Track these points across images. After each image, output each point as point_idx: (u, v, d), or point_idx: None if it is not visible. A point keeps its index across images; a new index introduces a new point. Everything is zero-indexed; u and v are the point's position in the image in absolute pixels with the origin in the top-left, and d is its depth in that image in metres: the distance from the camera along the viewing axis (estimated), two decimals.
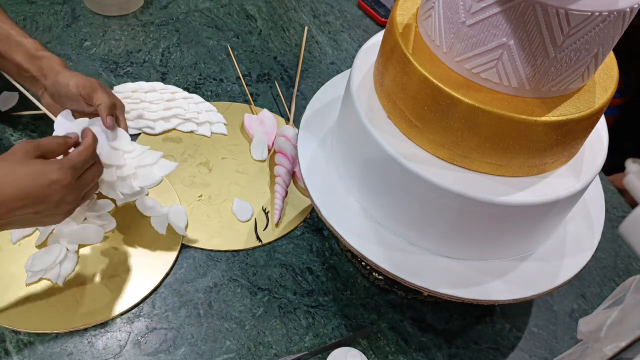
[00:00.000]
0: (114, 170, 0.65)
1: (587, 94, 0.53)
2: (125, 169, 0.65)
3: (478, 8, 0.47)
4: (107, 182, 0.65)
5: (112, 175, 0.65)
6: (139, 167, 0.66)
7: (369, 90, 0.60)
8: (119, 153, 0.66)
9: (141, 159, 0.66)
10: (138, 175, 0.65)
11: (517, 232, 0.57)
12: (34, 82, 0.69)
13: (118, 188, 0.65)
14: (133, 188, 0.65)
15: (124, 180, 0.65)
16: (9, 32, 0.68)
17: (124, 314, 0.66)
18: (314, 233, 0.77)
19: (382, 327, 0.69)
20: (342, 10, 1.12)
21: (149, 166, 0.66)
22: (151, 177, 0.66)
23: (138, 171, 0.66)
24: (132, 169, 0.65)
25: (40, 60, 0.68)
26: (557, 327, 0.72)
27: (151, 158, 0.66)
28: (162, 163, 0.67)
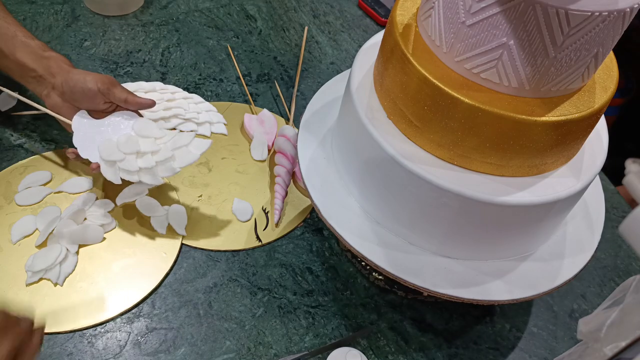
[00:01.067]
0: (150, 156, 0.66)
1: (587, 94, 0.53)
2: (162, 153, 0.66)
3: (478, 8, 0.47)
4: (145, 168, 0.66)
5: (149, 161, 0.66)
6: (175, 149, 0.67)
7: (369, 90, 0.60)
8: (150, 140, 0.67)
9: (176, 141, 0.67)
10: (176, 157, 0.67)
11: (517, 232, 0.57)
12: (39, 82, 0.69)
13: (159, 172, 0.66)
14: (174, 169, 0.66)
15: (163, 163, 0.66)
16: (15, 33, 0.69)
17: (124, 314, 0.66)
18: (314, 233, 0.77)
19: (382, 327, 0.69)
20: (342, 10, 1.12)
21: (185, 146, 0.67)
22: (189, 156, 0.67)
23: (175, 153, 0.67)
24: (170, 152, 0.66)
25: (47, 60, 0.68)
26: (557, 327, 0.72)
27: (186, 138, 0.68)
28: (196, 142, 0.68)
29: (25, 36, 0.69)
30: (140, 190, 0.76)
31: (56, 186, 0.75)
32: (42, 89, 0.69)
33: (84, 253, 0.70)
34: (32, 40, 0.69)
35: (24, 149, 0.79)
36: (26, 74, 0.69)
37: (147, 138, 0.67)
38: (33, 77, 0.69)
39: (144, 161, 0.66)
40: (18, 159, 0.77)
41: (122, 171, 0.66)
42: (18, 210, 0.72)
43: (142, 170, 0.66)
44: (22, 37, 0.69)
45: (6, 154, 0.78)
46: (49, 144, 0.80)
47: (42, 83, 0.69)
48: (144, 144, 0.67)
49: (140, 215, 0.74)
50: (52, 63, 0.68)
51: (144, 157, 0.66)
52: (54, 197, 0.74)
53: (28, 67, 0.68)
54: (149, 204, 0.74)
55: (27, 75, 0.69)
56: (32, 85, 0.70)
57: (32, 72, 0.68)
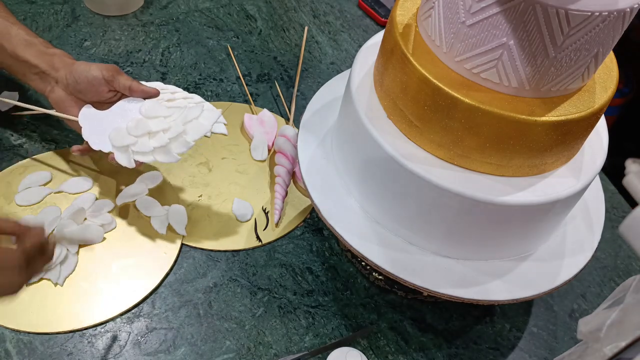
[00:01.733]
0: (162, 134, 0.66)
1: (587, 94, 0.53)
2: (173, 129, 0.66)
3: (478, 8, 0.47)
4: (159, 147, 0.65)
5: (162, 139, 0.65)
6: (186, 122, 0.67)
7: (369, 90, 0.60)
8: (159, 120, 0.67)
9: (185, 115, 0.67)
10: (188, 131, 0.66)
11: (517, 232, 0.57)
12: (42, 78, 0.69)
13: (173, 149, 0.65)
14: (188, 143, 0.66)
15: (176, 139, 0.66)
16: (18, 31, 0.69)
17: (124, 314, 0.66)
18: (314, 233, 0.77)
19: (382, 327, 0.69)
20: (342, 10, 1.12)
21: (195, 119, 0.67)
22: (201, 128, 0.67)
23: (187, 127, 0.66)
24: (181, 127, 0.66)
25: (51, 56, 0.69)
26: (557, 327, 0.72)
27: (195, 111, 0.67)
28: (206, 113, 0.68)
29: (27, 34, 0.70)
30: (140, 190, 0.76)
31: (56, 186, 0.75)
32: (46, 85, 0.70)
33: (84, 253, 0.70)
34: (35, 37, 0.70)
35: (24, 149, 0.79)
36: (29, 71, 0.69)
37: (156, 118, 0.67)
38: (36, 74, 0.69)
39: (156, 140, 0.66)
40: (18, 159, 0.77)
41: (136, 154, 0.66)
42: (18, 211, 0.72)
43: (156, 150, 0.65)
44: (25, 35, 0.69)
45: (6, 154, 0.78)
46: (49, 144, 0.80)
47: (45, 79, 0.69)
48: (154, 124, 0.67)
49: (140, 215, 0.74)
50: (56, 59, 0.69)
51: (156, 136, 0.66)
52: (54, 197, 0.74)
53: (31, 64, 0.68)
54: (149, 204, 0.74)
55: (30, 73, 0.69)
56: (35, 82, 0.70)
57: (35, 68, 0.69)
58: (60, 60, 0.69)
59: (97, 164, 0.78)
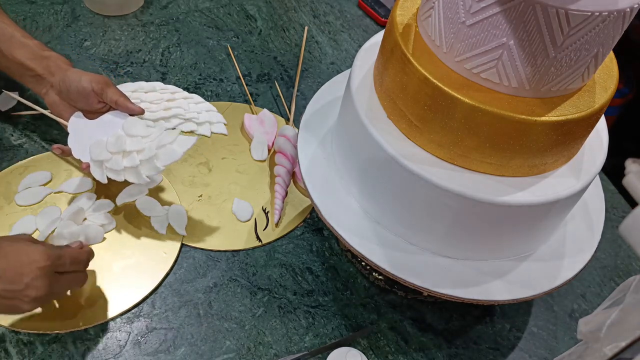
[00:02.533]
0: (135, 155, 0.67)
1: (587, 94, 0.53)
2: (146, 152, 0.67)
3: (478, 8, 0.47)
4: (130, 167, 0.66)
5: (134, 160, 0.66)
6: (160, 147, 0.67)
7: (369, 90, 0.60)
8: (137, 139, 0.67)
9: (160, 139, 0.68)
10: (159, 155, 0.67)
11: (517, 232, 0.57)
12: (38, 81, 0.70)
13: (142, 171, 0.66)
14: (157, 168, 0.66)
15: (147, 162, 0.66)
16: (13, 33, 0.69)
17: (124, 314, 0.66)
18: (314, 233, 0.76)
19: (382, 327, 0.69)
20: (342, 10, 1.12)
21: (169, 144, 0.68)
22: (172, 154, 0.67)
23: (159, 151, 0.67)
24: (153, 150, 0.67)
25: (46, 60, 0.69)
26: (557, 327, 0.72)
27: (170, 137, 0.68)
28: (180, 139, 0.68)
29: (23, 36, 0.70)
30: (140, 190, 0.76)
31: (56, 186, 0.75)
32: (41, 88, 0.70)
33: None
34: (30, 40, 0.70)
35: (24, 149, 0.79)
36: (25, 73, 0.69)
37: (135, 137, 0.68)
38: (32, 77, 0.69)
39: (128, 160, 0.66)
40: (18, 159, 0.77)
41: (108, 170, 0.67)
42: (18, 211, 0.72)
43: (126, 169, 0.66)
44: (20, 37, 0.69)
45: (6, 154, 0.78)
46: (49, 144, 0.80)
47: (40, 82, 0.69)
48: (130, 143, 0.67)
49: (140, 215, 0.74)
50: (51, 62, 0.69)
51: (130, 155, 0.67)
52: (54, 197, 0.74)
53: (27, 67, 0.68)
54: (149, 204, 0.74)
55: (26, 75, 0.69)
56: (31, 84, 0.70)
57: (30, 71, 0.69)
58: (56, 65, 0.69)
59: None
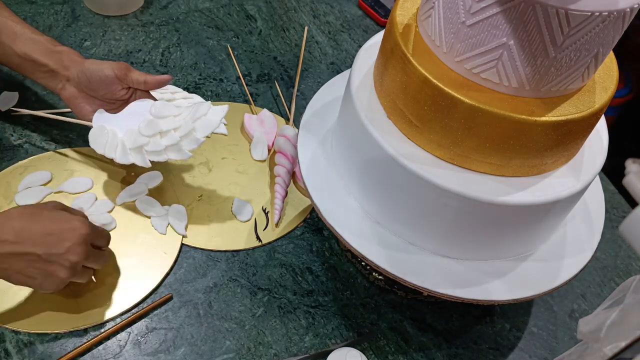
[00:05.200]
0: (173, 132, 0.68)
1: (587, 94, 0.53)
2: (183, 127, 0.68)
3: (478, 8, 0.47)
4: (171, 145, 0.68)
5: (173, 138, 0.68)
6: (195, 119, 0.68)
7: (369, 90, 0.60)
8: (169, 119, 0.69)
9: (194, 113, 0.69)
10: (197, 128, 0.68)
11: (517, 232, 0.57)
12: (52, 77, 0.70)
13: (184, 146, 0.68)
14: (198, 140, 0.68)
15: (187, 136, 0.68)
16: (23, 30, 0.69)
17: (124, 314, 0.66)
18: (314, 233, 0.77)
19: (382, 327, 0.69)
20: (342, 10, 1.12)
21: (204, 116, 0.69)
22: (210, 124, 0.68)
23: (196, 124, 0.68)
24: (191, 124, 0.68)
25: (59, 54, 0.69)
26: (557, 327, 0.72)
27: (204, 108, 0.69)
28: (213, 109, 0.69)
29: (33, 32, 0.70)
30: (140, 190, 0.76)
31: (56, 186, 0.75)
32: (57, 83, 0.70)
33: None
34: (40, 36, 0.70)
35: (24, 149, 0.79)
36: (37, 69, 0.69)
37: (166, 118, 0.69)
38: (45, 72, 0.69)
39: (168, 139, 0.68)
40: (18, 159, 0.77)
41: (149, 154, 0.68)
42: None
43: (168, 148, 0.68)
44: (30, 33, 0.69)
45: (6, 154, 0.78)
46: (49, 144, 0.80)
47: (55, 77, 0.70)
48: (164, 123, 0.68)
49: (140, 215, 0.74)
50: (64, 57, 0.69)
51: (168, 134, 0.68)
52: (54, 197, 0.74)
53: (40, 63, 0.69)
54: (149, 204, 0.74)
55: (39, 71, 0.70)
56: (44, 80, 0.70)
57: (43, 67, 0.69)
58: (69, 59, 0.69)
59: (97, 164, 0.78)
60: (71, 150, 0.79)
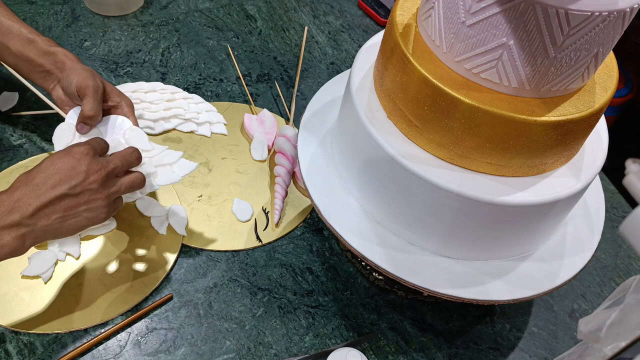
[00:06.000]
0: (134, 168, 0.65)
1: (587, 94, 0.53)
2: (145, 167, 0.65)
3: (478, 8, 0.47)
4: None
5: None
6: (159, 165, 0.66)
7: (369, 90, 0.60)
8: None
9: (161, 157, 0.66)
10: (158, 174, 0.65)
11: (517, 232, 0.57)
12: (45, 77, 0.70)
13: None
14: (153, 186, 0.65)
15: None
16: (20, 30, 0.69)
17: (124, 314, 0.66)
18: (314, 233, 0.77)
19: (382, 327, 0.69)
20: (342, 10, 1.12)
21: (169, 165, 0.66)
22: (171, 176, 0.66)
23: (158, 170, 0.66)
24: (153, 168, 0.65)
25: (54, 55, 0.69)
26: (557, 327, 0.72)
27: (172, 157, 0.66)
28: (182, 163, 0.67)
29: (30, 32, 0.70)
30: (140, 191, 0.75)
31: None
32: (49, 83, 0.70)
33: (84, 253, 0.70)
34: (38, 36, 0.70)
35: (24, 149, 0.79)
36: (33, 69, 0.70)
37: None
38: (40, 72, 0.70)
39: None
40: (18, 159, 0.77)
41: None
42: None
43: None
44: (27, 33, 0.69)
45: (6, 154, 0.78)
46: (49, 144, 0.80)
47: (48, 77, 0.70)
48: None
49: (140, 215, 0.74)
50: (58, 58, 0.69)
51: None
52: None
53: (36, 63, 0.69)
54: (149, 204, 0.74)
55: (34, 71, 0.70)
56: (39, 80, 0.71)
57: (39, 67, 0.69)
58: (60, 60, 0.69)
59: None
60: None
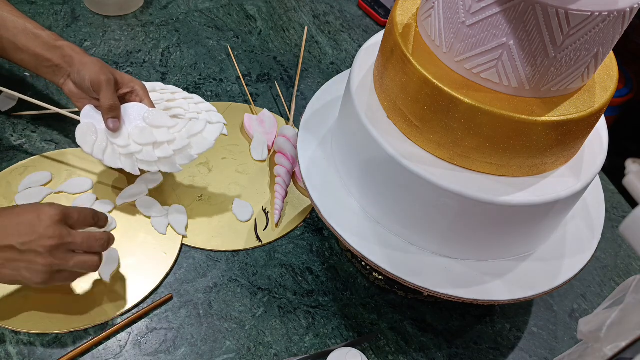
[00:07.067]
0: (167, 145, 0.68)
1: (587, 94, 0.53)
2: (178, 142, 0.68)
3: (478, 8, 0.47)
4: (164, 158, 0.68)
5: (167, 151, 0.68)
6: (191, 136, 0.69)
7: (369, 90, 0.60)
8: (164, 130, 0.68)
9: (190, 128, 0.69)
10: (192, 144, 0.68)
11: (517, 232, 0.57)
12: (55, 71, 0.70)
13: (177, 161, 0.68)
14: (192, 157, 0.68)
15: (181, 152, 0.68)
16: (25, 26, 0.69)
17: (124, 314, 0.66)
18: (314, 233, 0.77)
19: (382, 327, 0.69)
20: (342, 10, 1.12)
21: (200, 134, 0.69)
22: (204, 143, 0.69)
23: (191, 140, 0.69)
24: (186, 140, 0.68)
25: (61, 50, 0.69)
26: (557, 327, 0.72)
27: (199, 126, 0.69)
28: (209, 128, 0.70)
29: (35, 27, 0.70)
30: (140, 190, 0.76)
31: (56, 186, 0.75)
32: (59, 78, 0.70)
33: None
34: (43, 31, 0.70)
35: (24, 150, 0.79)
36: (41, 64, 0.70)
37: (160, 128, 0.68)
38: (48, 67, 0.70)
39: (161, 151, 0.68)
40: (18, 159, 0.77)
41: (140, 162, 0.68)
42: None
43: (160, 160, 0.68)
44: (33, 28, 0.70)
45: (6, 154, 0.78)
46: (49, 144, 0.80)
47: (58, 72, 0.70)
48: (158, 134, 0.68)
49: (140, 215, 0.74)
50: (66, 52, 0.69)
51: (161, 147, 0.68)
52: (54, 197, 0.74)
53: (43, 58, 0.69)
54: (149, 204, 0.74)
55: (42, 66, 0.70)
56: (48, 75, 0.71)
57: (47, 61, 0.69)
58: (68, 55, 0.69)
59: (97, 164, 0.78)
60: (71, 150, 0.79)
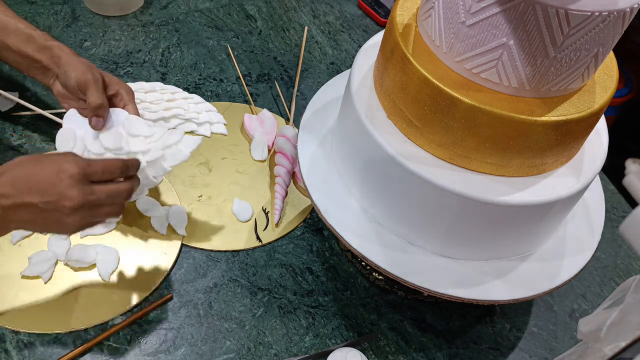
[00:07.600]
0: (141, 156, 0.65)
1: (587, 94, 0.53)
2: (152, 153, 0.65)
3: (478, 8, 0.47)
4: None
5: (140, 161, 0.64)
6: (165, 147, 0.66)
7: (369, 90, 0.60)
8: (139, 139, 0.66)
9: (165, 139, 0.66)
10: (166, 156, 0.66)
11: (517, 232, 0.57)
12: (44, 73, 0.69)
13: (150, 173, 0.65)
14: (165, 169, 0.65)
15: (153, 163, 0.65)
16: (17, 26, 0.69)
17: (124, 314, 0.66)
18: (314, 233, 0.77)
19: (382, 327, 0.69)
20: (342, 10, 1.12)
21: (175, 145, 0.67)
22: (179, 155, 0.66)
23: (165, 152, 0.66)
24: (159, 152, 0.65)
25: (50, 50, 0.68)
26: (557, 327, 0.72)
27: (175, 137, 0.67)
28: (186, 140, 0.67)
29: (27, 27, 0.69)
30: (140, 191, 0.75)
31: None
32: (48, 79, 0.70)
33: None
34: (34, 30, 0.69)
35: (24, 149, 0.79)
36: (32, 65, 0.69)
37: (137, 137, 0.66)
38: (38, 68, 0.69)
39: None
40: None
41: None
42: None
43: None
44: (25, 29, 0.69)
45: (6, 154, 0.78)
46: (49, 144, 0.80)
47: (47, 73, 0.69)
48: (134, 143, 0.65)
49: (141, 215, 0.74)
50: (55, 53, 0.68)
51: (135, 157, 0.64)
52: None
53: (34, 59, 0.68)
54: (149, 204, 0.74)
55: (33, 67, 0.69)
56: (38, 76, 0.70)
57: (37, 63, 0.69)
58: (58, 56, 0.68)
59: None
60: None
